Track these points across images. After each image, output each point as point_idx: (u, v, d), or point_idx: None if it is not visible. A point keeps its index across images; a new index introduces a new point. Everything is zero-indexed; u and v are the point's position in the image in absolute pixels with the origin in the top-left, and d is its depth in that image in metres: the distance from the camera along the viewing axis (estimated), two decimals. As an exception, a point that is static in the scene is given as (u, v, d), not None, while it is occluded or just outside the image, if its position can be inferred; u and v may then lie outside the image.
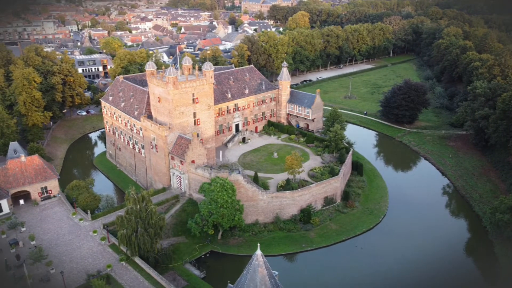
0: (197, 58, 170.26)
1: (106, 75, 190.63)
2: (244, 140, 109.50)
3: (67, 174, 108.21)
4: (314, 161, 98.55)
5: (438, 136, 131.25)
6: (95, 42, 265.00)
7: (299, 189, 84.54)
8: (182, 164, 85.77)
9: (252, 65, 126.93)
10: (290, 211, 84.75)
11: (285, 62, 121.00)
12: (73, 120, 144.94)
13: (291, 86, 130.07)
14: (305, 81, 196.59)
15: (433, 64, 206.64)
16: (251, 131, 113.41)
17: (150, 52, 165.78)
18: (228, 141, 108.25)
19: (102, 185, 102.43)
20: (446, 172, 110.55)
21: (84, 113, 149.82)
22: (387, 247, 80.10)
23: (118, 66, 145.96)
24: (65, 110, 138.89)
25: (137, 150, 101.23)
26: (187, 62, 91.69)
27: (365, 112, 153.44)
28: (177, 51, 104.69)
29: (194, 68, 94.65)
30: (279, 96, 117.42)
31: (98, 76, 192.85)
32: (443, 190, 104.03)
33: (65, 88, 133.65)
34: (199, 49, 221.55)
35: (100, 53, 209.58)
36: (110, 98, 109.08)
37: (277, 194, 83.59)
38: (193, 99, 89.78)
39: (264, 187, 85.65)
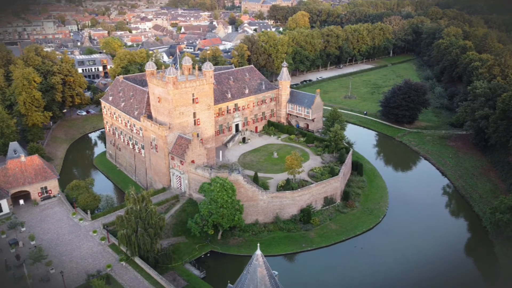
0: (197, 58, 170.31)
1: (106, 75, 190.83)
2: (244, 140, 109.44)
3: (67, 174, 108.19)
4: (314, 161, 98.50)
5: (438, 136, 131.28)
6: (95, 42, 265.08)
7: (299, 189, 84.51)
8: (182, 164, 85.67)
9: (252, 65, 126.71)
10: (290, 211, 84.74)
11: (285, 62, 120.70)
12: (73, 120, 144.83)
13: (291, 86, 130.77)
14: (305, 81, 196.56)
15: (433, 64, 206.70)
16: (251, 131, 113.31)
17: (150, 52, 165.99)
18: (228, 141, 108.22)
19: (102, 185, 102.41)
20: (446, 172, 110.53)
21: (84, 113, 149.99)
22: (387, 247, 80.00)
23: (118, 66, 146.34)
24: (65, 110, 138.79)
25: (137, 150, 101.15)
26: (187, 62, 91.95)
27: (365, 112, 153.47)
28: (177, 51, 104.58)
29: (194, 68, 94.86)
30: (279, 96, 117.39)
31: (98, 76, 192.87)
32: (443, 190, 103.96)
33: (65, 88, 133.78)
34: (199, 49, 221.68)
35: (100, 53, 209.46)
36: (110, 98, 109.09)
37: (277, 194, 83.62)
38: (193, 99, 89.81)
39: (264, 187, 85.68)
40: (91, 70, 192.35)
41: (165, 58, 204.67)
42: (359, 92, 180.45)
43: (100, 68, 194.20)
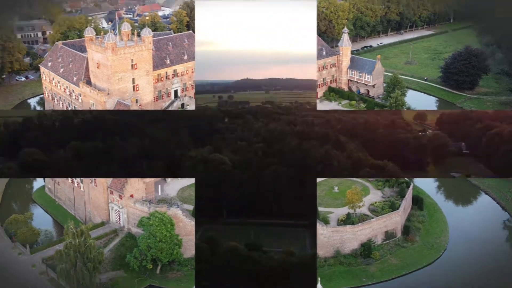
0: (136, 24, 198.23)
1: (45, 41, 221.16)
2: (183, 106, 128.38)
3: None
4: (374, 196, 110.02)
5: (498, 102, 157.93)
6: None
7: (359, 224, 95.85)
8: (121, 198, 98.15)
9: (191, 31, 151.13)
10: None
11: (345, 28, 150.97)
12: (12, 85, 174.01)
13: (352, 52, 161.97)
14: (366, 47, 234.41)
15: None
16: (190, 96, 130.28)
17: (89, 18, 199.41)
18: (167, 107, 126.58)
19: (41, 219, 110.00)
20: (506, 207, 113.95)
21: (23, 78, 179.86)
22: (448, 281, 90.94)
23: (57, 32, 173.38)
24: (3, 76, 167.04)
25: (75, 184, 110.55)
26: (126, 28, 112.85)
27: (425, 78, 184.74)
28: (116, 17, 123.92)
29: (133, 34, 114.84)
30: (340, 62, 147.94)
31: (37, 42, 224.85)
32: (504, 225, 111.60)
33: (4, 54, 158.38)
34: (138, 15, 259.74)
35: (39, 18, 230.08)
36: (49, 64, 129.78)
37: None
38: (131, 65, 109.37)
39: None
40: (30, 36, 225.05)
41: (104, 24, 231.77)
42: (420, 58, 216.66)
43: (39, 34, 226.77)
